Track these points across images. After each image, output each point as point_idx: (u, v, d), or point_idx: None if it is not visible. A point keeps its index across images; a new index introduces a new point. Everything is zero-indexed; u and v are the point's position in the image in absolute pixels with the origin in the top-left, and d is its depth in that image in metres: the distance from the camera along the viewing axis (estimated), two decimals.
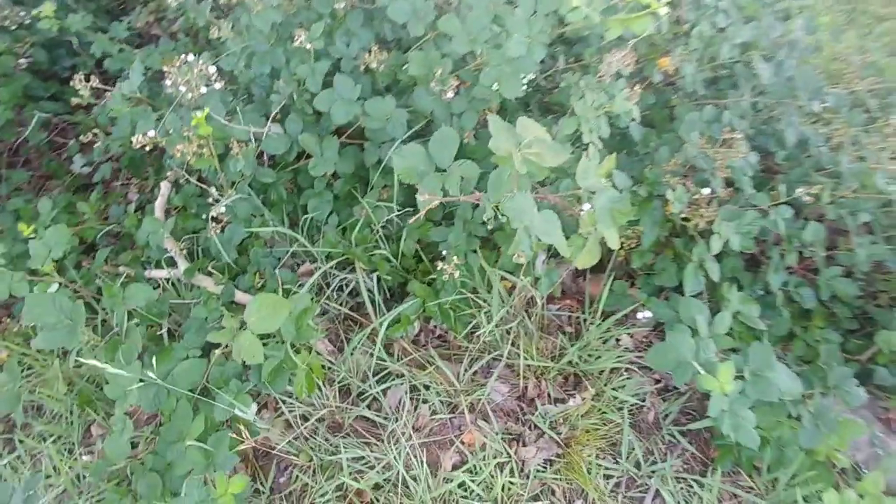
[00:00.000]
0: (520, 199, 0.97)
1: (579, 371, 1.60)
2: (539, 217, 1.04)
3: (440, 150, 1.08)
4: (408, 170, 1.07)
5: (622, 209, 1.17)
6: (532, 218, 0.98)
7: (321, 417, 1.50)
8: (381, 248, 1.68)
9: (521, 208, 0.96)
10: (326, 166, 1.66)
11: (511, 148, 1.09)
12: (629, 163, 1.67)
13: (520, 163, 1.07)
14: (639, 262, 1.59)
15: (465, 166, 1.07)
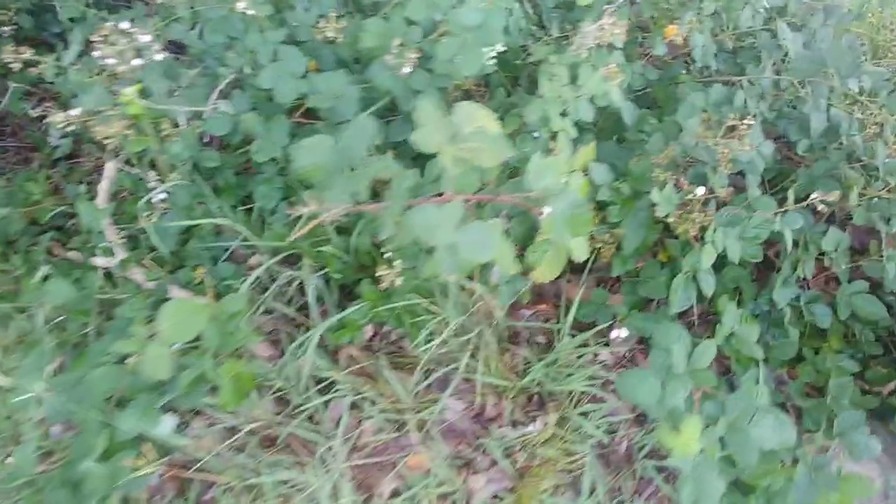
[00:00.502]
0: (427, 213, 0.77)
1: (545, 391, 1.41)
2: (469, 231, 0.84)
3: (353, 143, 0.88)
4: (312, 168, 0.89)
5: (582, 218, 0.95)
6: (446, 234, 0.78)
7: (253, 430, 1.36)
8: (333, 242, 1.50)
9: (431, 223, 0.77)
10: (272, 150, 1.48)
11: (442, 142, 0.88)
12: (619, 152, 1.43)
13: (451, 161, 0.87)
14: (619, 270, 1.37)
15: (382, 164, 0.87)
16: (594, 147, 1.23)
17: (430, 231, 0.76)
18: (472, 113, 0.93)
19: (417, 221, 0.76)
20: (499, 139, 0.89)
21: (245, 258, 1.61)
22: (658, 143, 1.31)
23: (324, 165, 0.88)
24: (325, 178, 0.88)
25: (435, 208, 0.77)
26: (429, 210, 0.77)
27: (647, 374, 1.03)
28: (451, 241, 0.79)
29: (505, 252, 0.96)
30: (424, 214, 0.76)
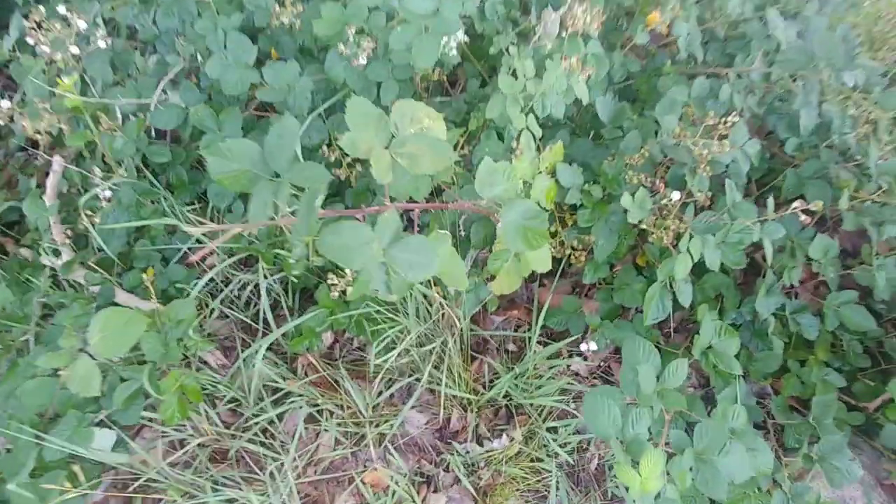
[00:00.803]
0: (343, 232, 0.68)
1: (513, 404, 1.34)
2: (405, 247, 0.75)
3: (277, 148, 0.79)
4: (232, 175, 0.80)
5: (537, 230, 0.86)
6: (366, 255, 0.69)
7: (203, 444, 1.29)
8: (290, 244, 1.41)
9: (346, 243, 0.67)
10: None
11: (375, 145, 0.79)
12: (593, 151, 1.33)
13: (384, 168, 0.78)
14: (591, 277, 1.28)
15: (306, 171, 0.78)
16: (562, 147, 1.14)
17: (346, 253, 0.67)
18: (414, 112, 0.83)
19: (330, 242, 0.67)
20: (440, 142, 0.79)
21: (199, 262, 1.53)
22: (633, 141, 1.21)
23: (242, 174, 0.79)
24: (245, 187, 0.79)
25: (352, 226, 0.68)
26: (344, 229, 0.67)
27: (606, 400, 0.95)
28: (377, 261, 0.70)
29: (453, 267, 0.87)
30: (338, 234, 0.67)
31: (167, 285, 1.42)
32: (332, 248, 0.66)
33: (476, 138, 1.28)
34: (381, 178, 0.77)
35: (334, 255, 0.66)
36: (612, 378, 1.40)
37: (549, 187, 1.11)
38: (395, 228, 0.77)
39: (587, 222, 1.18)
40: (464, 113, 1.41)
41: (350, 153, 0.78)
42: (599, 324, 1.30)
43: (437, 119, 0.85)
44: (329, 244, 0.66)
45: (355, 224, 0.68)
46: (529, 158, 1.07)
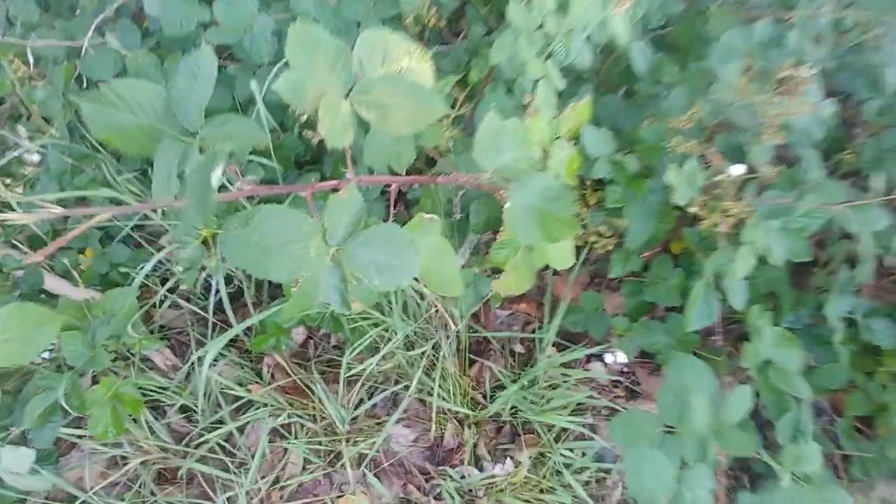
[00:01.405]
0: (265, 224, 0.43)
1: (519, 420, 1.11)
2: (368, 244, 0.52)
3: (186, 92, 0.55)
4: (123, 131, 0.55)
5: (560, 217, 0.62)
6: (302, 263, 0.45)
7: (146, 462, 1.08)
8: None
9: (266, 243, 0.42)
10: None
11: (330, 91, 0.54)
12: (626, 112, 1.07)
13: (341, 124, 0.53)
14: (619, 270, 1.04)
15: (228, 126, 0.53)
16: (589, 104, 0.88)
17: (265, 257, 0.42)
18: (387, 45, 0.58)
19: (239, 240, 0.42)
20: (423, 89, 0.54)
21: (150, 240, 1.29)
22: (679, 98, 0.95)
23: (137, 129, 0.54)
24: (143, 148, 0.55)
25: (276, 214, 0.43)
26: (265, 218, 0.43)
27: (654, 452, 0.72)
28: (318, 268, 0.46)
29: (443, 267, 0.63)
30: (256, 227, 0.42)
31: (108, 269, 1.19)
32: (242, 248, 0.42)
33: (478, 93, 1.02)
34: (336, 139, 0.52)
35: (245, 259, 0.42)
36: (639, 388, 1.17)
37: (571, 157, 0.86)
38: (355, 213, 0.52)
39: (618, 202, 0.93)
40: (464, 65, 1.15)
41: (292, 103, 0.53)
42: (628, 326, 1.06)
43: (422, 58, 0.60)
44: (237, 243, 0.42)
45: (281, 211, 0.44)
46: (547, 118, 0.82)
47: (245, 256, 0.41)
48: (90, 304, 1.07)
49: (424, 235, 0.63)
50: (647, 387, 1.19)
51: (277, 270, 0.42)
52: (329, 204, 0.52)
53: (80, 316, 1.07)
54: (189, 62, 0.56)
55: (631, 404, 1.15)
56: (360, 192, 0.54)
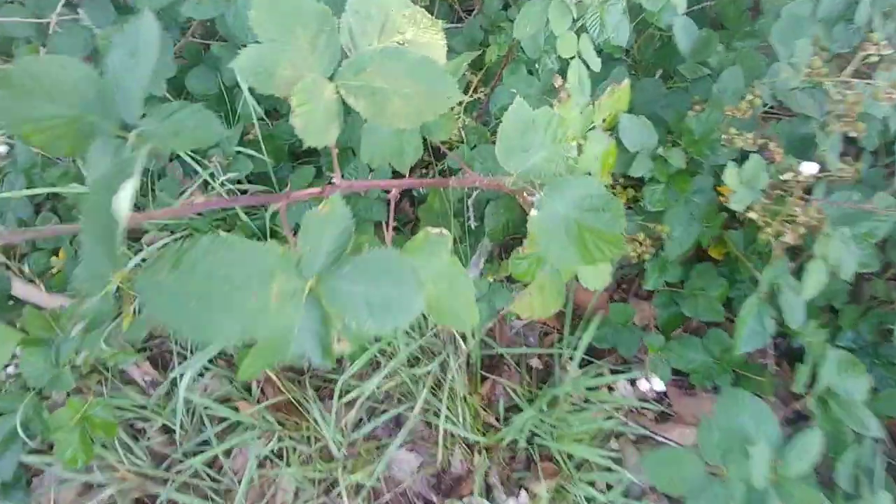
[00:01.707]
0: (203, 263, 0.30)
1: (536, 446, 0.99)
2: (351, 275, 0.39)
3: (123, 73, 0.42)
4: (44, 124, 0.43)
5: (603, 231, 0.49)
6: (259, 318, 0.32)
7: (123, 490, 0.97)
8: (244, 218, 1.05)
9: (204, 290, 0.29)
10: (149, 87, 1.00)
11: (307, 69, 0.41)
12: (667, 98, 0.93)
13: (324, 115, 0.40)
14: (654, 282, 0.91)
15: (177, 118, 0.40)
16: (629, 89, 0.74)
17: (204, 309, 0.29)
18: (387, 11, 0.44)
19: (165, 287, 0.29)
20: (432, 66, 0.41)
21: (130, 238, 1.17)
22: (733, 81, 0.80)
23: (62, 122, 0.41)
24: (70, 146, 0.42)
25: (217, 245, 0.30)
26: (214, 252, 0.30)
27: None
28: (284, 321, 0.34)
29: (454, 298, 0.51)
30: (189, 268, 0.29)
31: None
32: (170, 300, 0.29)
33: (496, 76, 0.88)
34: (315, 136, 0.39)
35: (175, 315, 0.29)
36: (671, 411, 1.05)
37: (606, 151, 0.73)
38: (340, 235, 0.40)
39: (658, 204, 0.80)
40: (478, 44, 1.01)
41: (256, 85, 0.40)
42: (663, 346, 0.93)
43: (431, 28, 0.47)
44: (164, 293, 0.29)
45: (227, 242, 0.31)
46: (580, 105, 0.68)
47: (175, 311, 0.28)
48: (58, 313, 0.95)
49: (431, 256, 0.51)
50: (679, 408, 1.06)
51: (221, 330, 0.29)
52: (305, 223, 0.39)
53: (47, 327, 0.96)
54: (126, 35, 0.43)
55: (661, 428, 1.03)
56: (354, 199, 0.42)
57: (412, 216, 1.13)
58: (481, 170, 0.75)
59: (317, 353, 0.39)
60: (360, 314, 0.40)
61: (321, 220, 0.39)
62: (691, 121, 0.78)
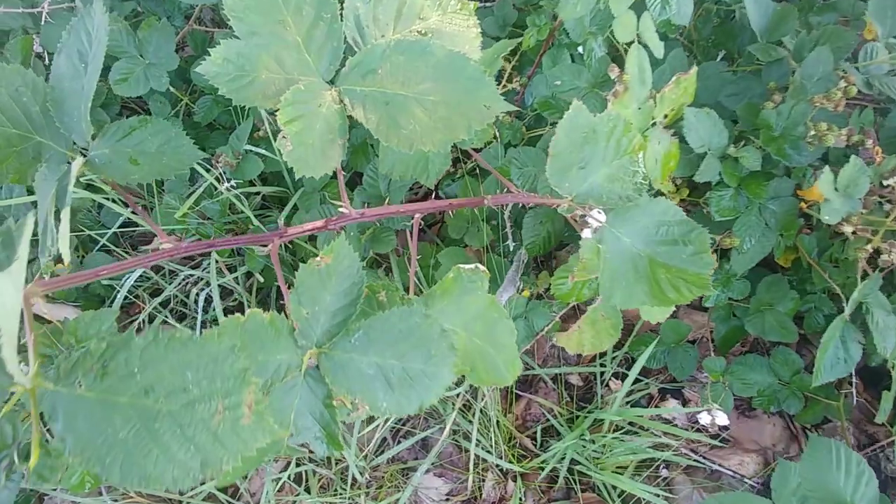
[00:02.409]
0: (156, 357, 0.21)
1: (576, 474, 0.90)
2: (359, 345, 0.29)
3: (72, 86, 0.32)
4: None
5: (684, 270, 0.38)
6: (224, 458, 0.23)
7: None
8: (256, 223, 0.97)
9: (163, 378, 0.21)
10: (153, 79, 0.93)
11: (302, 71, 0.31)
12: (734, 85, 0.80)
13: (320, 135, 0.31)
14: (716, 299, 0.79)
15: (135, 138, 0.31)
16: (695, 78, 0.63)
17: (140, 439, 0.21)
18: None
19: (84, 413, 0.20)
20: (469, 68, 0.31)
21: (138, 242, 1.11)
22: (821, 63, 0.67)
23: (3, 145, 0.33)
24: (16, 173, 0.34)
25: (175, 346, 0.21)
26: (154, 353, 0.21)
27: None
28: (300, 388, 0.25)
29: (493, 346, 0.41)
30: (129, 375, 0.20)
31: (86, 282, 1.01)
32: (92, 423, 0.20)
33: (533, 62, 0.77)
34: (309, 164, 0.30)
35: (98, 448, 0.20)
36: (728, 435, 0.94)
37: (668, 152, 0.61)
38: (346, 292, 0.30)
39: (727, 212, 0.68)
40: (511, 26, 0.89)
41: (230, 94, 0.31)
42: (724, 370, 0.82)
43: (461, 9, 0.36)
44: (84, 413, 0.20)
45: (174, 341, 0.21)
46: (638, 100, 0.57)
47: (101, 442, 0.20)
48: (60, 328, 0.89)
49: (463, 297, 0.41)
50: (737, 432, 0.95)
51: (169, 470, 0.20)
52: (301, 280, 0.29)
53: (50, 343, 0.90)
54: (75, 33, 0.33)
55: (718, 455, 0.92)
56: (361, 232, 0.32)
57: (439, 216, 1.04)
58: (519, 176, 0.65)
59: (320, 445, 0.30)
60: (374, 393, 0.30)
61: (321, 276, 0.30)
62: (770, 114, 0.65)
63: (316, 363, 0.30)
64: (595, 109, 0.63)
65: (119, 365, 0.20)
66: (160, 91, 0.93)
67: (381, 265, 0.91)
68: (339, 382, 0.30)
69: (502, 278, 0.75)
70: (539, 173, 0.59)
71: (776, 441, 0.95)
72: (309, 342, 0.30)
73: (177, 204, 0.98)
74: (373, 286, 0.35)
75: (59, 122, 0.33)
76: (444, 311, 0.40)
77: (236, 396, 0.21)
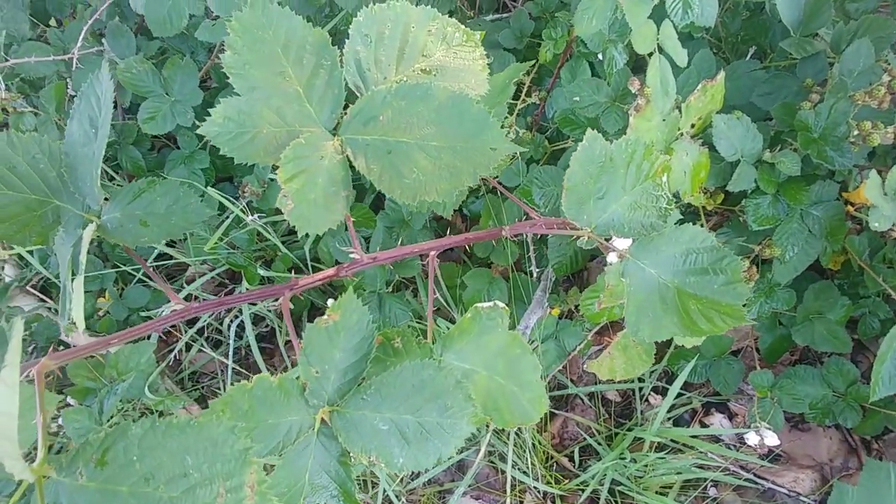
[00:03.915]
0: (155, 442, 0.21)
1: (618, 493, 0.87)
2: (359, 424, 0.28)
3: (84, 150, 0.33)
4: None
5: (716, 301, 0.36)
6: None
7: None
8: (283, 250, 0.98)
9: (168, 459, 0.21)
10: (179, 116, 0.95)
11: (304, 123, 0.31)
12: (766, 84, 0.76)
13: (324, 189, 0.30)
14: (759, 310, 0.75)
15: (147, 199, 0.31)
16: (723, 84, 0.60)
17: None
18: (406, 27, 0.33)
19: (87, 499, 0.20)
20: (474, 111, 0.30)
21: (173, 274, 1.14)
22: (862, 57, 0.63)
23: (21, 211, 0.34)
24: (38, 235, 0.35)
25: (174, 431, 0.20)
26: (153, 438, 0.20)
27: None
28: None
29: (517, 386, 0.39)
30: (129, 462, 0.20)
31: (128, 313, 1.04)
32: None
33: (552, 74, 0.75)
34: (312, 222, 0.29)
35: None
36: (780, 451, 0.89)
37: (698, 163, 0.59)
38: (357, 347, 0.29)
39: (765, 221, 0.64)
40: (528, 36, 0.87)
41: (233, 153, 0.30)
42: (772, 385, 0.77)
43: (466, 41, 0.35)
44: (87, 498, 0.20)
45: (170, 424, 0.20)
46: (662, 112, 0.54)
47: None
48: (102, 362, 0.93)
49: (483, 337, 0.39)
50: (791, 447, 0.90)
51: None
52: (308, 339, 0.29)
53: (93, 376, 0.93)
54: (86, 99, 0.34)
55: (770, 473, 0.87)
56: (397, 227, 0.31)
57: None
58: (541, 196, 0.63)
59: (336, 503, 0.30)
60: (389, 449, 0.30)
61: (329, 333, 0.29)
62: (807, 114, 0.62)
63: (330, 423, 0.30)
64: (616, 125, 0.61)
65: (118, 454, 0.20)
66: (186, 126, 0.96)
67: (407, 287, 0.90)
68: (352, 441, 0.30)
69: (529, 297, 0.73)
70: (560, 192, 0.57)
71: (833, 456, 0.89)
72: (320, 401, 0.29)
73: (206, 234, 1.00)
74: (387, 333, 0.35)
75: (73, 187, 0.33)
76: (463, 351, 0.39)
77: (238, 478, 0.20)
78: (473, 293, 0.77)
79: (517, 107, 0.77)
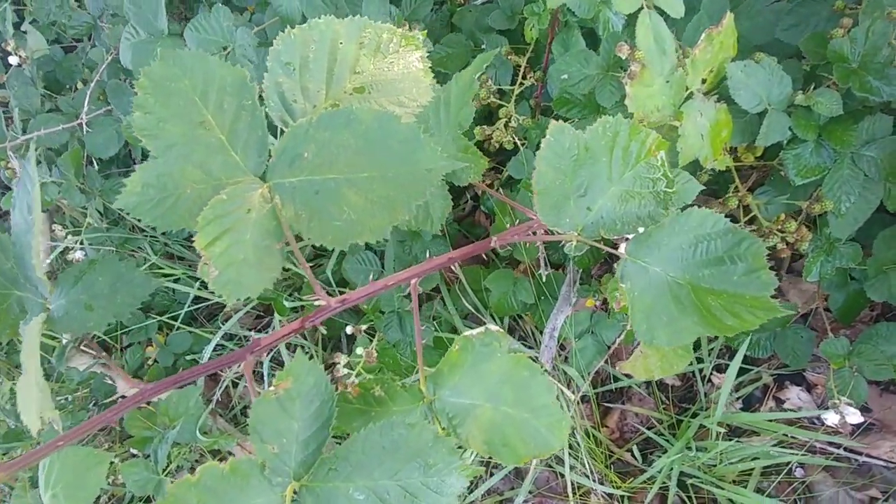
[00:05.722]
0: None
1: (691, 487, 0.80)
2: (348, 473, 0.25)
3: (23, 236, 0.31)
4: None
5: (742, 291, 0.30)
6: None
7: None
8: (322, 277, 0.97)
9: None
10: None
11: (231, 176, 0.28)
12: (789, 17, 0.66)
13: (254, 248, 0.27)
14: (824, 270, 0.66)
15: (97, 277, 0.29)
16: (733, 25, 0.52)
17: None
18: (333, 44, 0.30)
19: None
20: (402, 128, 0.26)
21: (211, 316, 1.16)
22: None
23: None
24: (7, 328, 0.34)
25: None
26: None
27: None
28: None
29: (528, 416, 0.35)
30: None
31: (174, 359, 1.07)
32: None
33: (545, 51, 0.69)
34: (240, 288, 0.26)
35: None
36: (872, 419, 0.79)
37: (716, 122, 0.52)
38: (315, 415, 0.27)
39: (809, 173, 0.56)
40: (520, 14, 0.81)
41: (155, 223, 0.28)
42: (850, 352, 0.68)
43: (406, 43, 0.31)
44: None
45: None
46: (663, 73, 0.48)
47: None
48: (153, 410, 0.95)
49: (479, 366, 0.36)
50: (881, 414, 0.80)
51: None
52: (255, 416, 0.26)
53: (147, 426, 0.96)
54: (21, 189, 0.32)
55: (864, 443, 0.78)
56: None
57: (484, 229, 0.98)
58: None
59: None
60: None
61: (281, 404, 0.26)
62: (841, 42, 0.53)
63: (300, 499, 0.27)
64: (612, 97, 0.55)
65: None
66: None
67: (431, 298, 0.87)
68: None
69: (555, 294, 0.68)
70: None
71: None
72: (285, 477, 0.26)
73: None
74: (364, 384, 0.31)
75: (22, 277, 0.32)
76: (460, 386, 0.35)
77: None
78: (499, 297, 0.73)
79: (514, 92, 0.72)
